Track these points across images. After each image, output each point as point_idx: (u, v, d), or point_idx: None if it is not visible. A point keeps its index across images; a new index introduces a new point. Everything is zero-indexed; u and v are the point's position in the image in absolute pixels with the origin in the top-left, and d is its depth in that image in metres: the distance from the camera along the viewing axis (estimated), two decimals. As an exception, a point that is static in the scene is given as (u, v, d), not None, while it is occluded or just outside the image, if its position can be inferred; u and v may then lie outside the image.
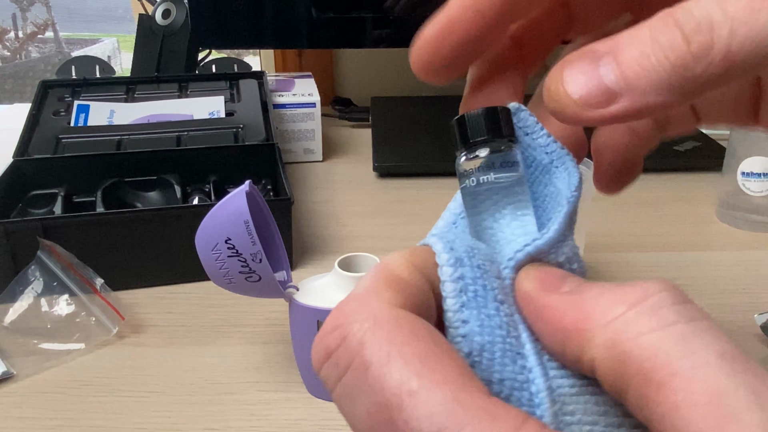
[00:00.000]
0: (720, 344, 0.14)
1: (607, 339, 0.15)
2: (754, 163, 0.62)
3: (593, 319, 0.16)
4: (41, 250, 0.50)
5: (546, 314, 0.17)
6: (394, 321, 0.16)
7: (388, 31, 0.80)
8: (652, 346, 0.15)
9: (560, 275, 0.18)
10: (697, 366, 0.14)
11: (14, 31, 4.82)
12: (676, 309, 0.15)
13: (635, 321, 0.15)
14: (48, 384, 0.44)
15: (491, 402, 0.14)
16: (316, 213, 0.68)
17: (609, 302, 0.16)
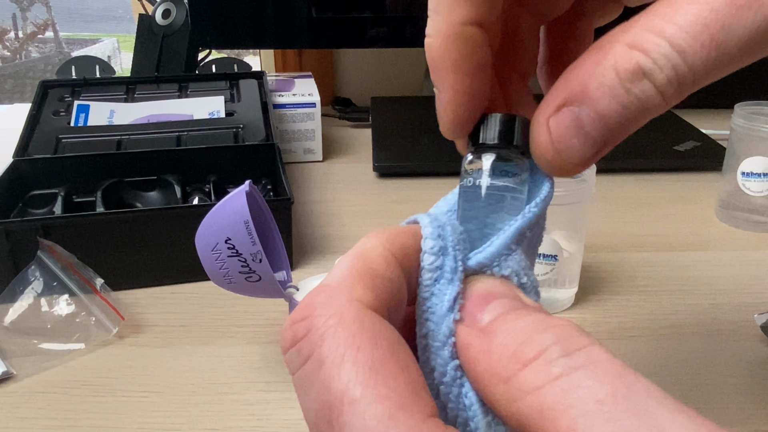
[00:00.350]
0: (602, 389, 0.15)
1: (505, 395, 0.16)
2: (754, 163, 0.62)
3: (496, 374, 0.16)
4: (41, 250, 0.50)
5: (464, 355, 0.18)
6: (358, 323, 0.16)
7: (388, 31, 0.80)
8: (538, 405, 0.15)
9: (484, 298, 0.19)
10: (574, 418, 0.14)
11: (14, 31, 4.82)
12: (561, 362, 0.15)
13: (525, 380, 0.16)
14: (48, 384, 0.44)
15: (426, 424, 0.15)
16: (316, 213, 0.68)
17: (508, 357, 0.16)
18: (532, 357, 0.16)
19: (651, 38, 0.17)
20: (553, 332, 0.16)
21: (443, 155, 0.78)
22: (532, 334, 0.16)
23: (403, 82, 1.04)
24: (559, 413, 0.15)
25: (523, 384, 0.16)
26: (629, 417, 0.14)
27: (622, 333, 0.48)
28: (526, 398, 0.15)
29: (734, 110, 0.63)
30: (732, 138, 0.64)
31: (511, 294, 0.19)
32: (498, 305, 0.18)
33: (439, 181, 0.75)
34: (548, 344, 0.16)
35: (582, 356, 0.16)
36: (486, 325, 0.18)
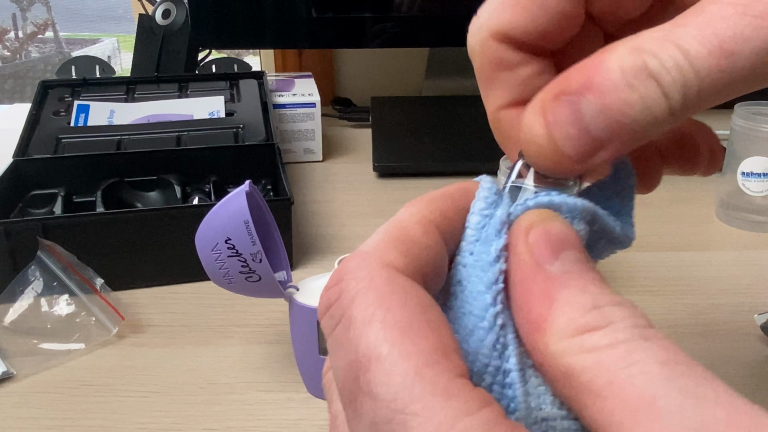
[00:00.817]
0: (665, 353, 0.15)
1: (560, 348, 0.16)
2: (754, 163, 0.62)
3: (553, 327, 0.16)
4: (41, 250, 0.50)
5: (521, 294, 0.17)
6: (388, 285, 0.16)
7: (388, 31, 0.80)
8: (597, 362, 0.15)
9: (557, 244, 0.18)
10: (634, 375, 0.15)
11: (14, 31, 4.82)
12: (629, 331, 0.16)
13: (589, 340, 0.16)
14: (48, 384, 0.44)
15: (454, 382, 0.15)
16: (316, 213, 0.68)
17: (573, 315, 0.16)
18: (602, 324, 0.16)
19: (659, 41, 0.17)
20: (627, 309, 0.16)
21: (443, 155, 0.78)
22: (606, 304, 0.16)
23: (403, 82, 1.04)
24: (620, 370, 0.15)
25: (586, 342, 0.16)
26: (690, 379, 0.14)
27: (622, 333, 0.48)
28: (583, 355, 0.15)
29: (734, 110, 0.63)
30: (732, 138, 0.64)
31: (581, 249, 0.18)
32: (573, 258, 0.18)
33: (439, 181, 0.75)
34: (620, 317, 0.16)
35: (648, 332, 0.16)
36: (557, 273, 0.17)
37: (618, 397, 0.14)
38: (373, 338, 0.15)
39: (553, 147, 0.19)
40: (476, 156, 0.76)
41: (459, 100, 0.92)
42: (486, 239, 0.19)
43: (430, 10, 0.79)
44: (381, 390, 0.15)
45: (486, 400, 0.15)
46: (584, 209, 0.20)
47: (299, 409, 0.42)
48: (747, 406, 0.14)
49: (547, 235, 0.18)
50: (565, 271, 0.17)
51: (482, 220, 0.19)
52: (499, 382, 0.17)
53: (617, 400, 0.14)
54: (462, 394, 0.15)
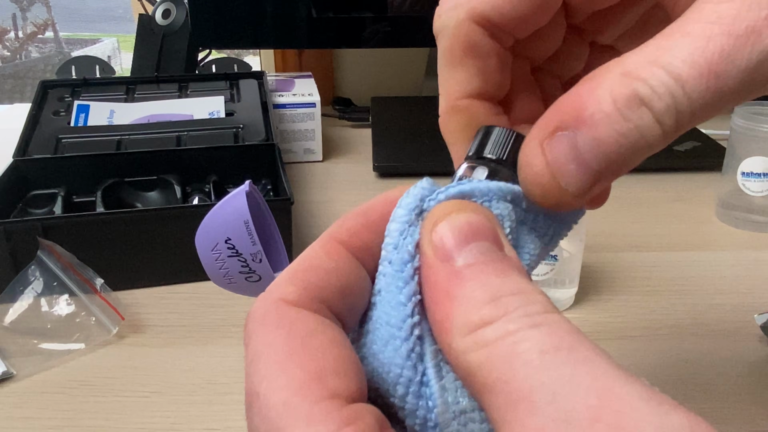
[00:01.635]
0: (549, 340, 0.15)
1: (461, 345, 0.16)
2: (754, 163, 0.62)
3: (454, 325, 0.16)
4: (41, 250, 0.50)
5: (427, 294, 0.18)
6: (275, 321, 0.17)
7: (388, 31, 0.80)
8: (488, 357, 0.15)
9: (463, 237, 0.18)
10: (516, 368, 0.15)
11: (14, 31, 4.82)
12: (520, 320, 0.16)
13: (483, 335, 0.16)
14: (48, 384, 0.44)
15: (317, 406, 0.15)
16: (316, 213, 0.68)
17: (469, 311, 0.16)
18: (497, 316, 0.16)
19: (647, 67, 0.17)
20: (524, 297, 0.16)
21: (443, 155, 0.77)
22: (503, 294, 0.16)
23: (403, 82, 1.04)
24: (505, 363, 0.15)
25: (479, 339, 0.16)
26: (567, 366, 0.14)
27: (622, 333, 0.48)
28: (478, 351, 0.16)
29: (734, 110, 0.63)
30: (732, 138, 0.64)
31: (493, 236, 0.18)
32: (477, 249, 0.17)
33: (439, 181, 0.75)
34: (514, 306, 0.16)
35: (540, 317, 0.16)
36: (460, 268, 0.17)
37: (504, 392, 0.15)
38: (256, 376, 0.16)
39: (556, 185, 0.19)
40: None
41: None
42: (400, 261, 0.18)
43: (430, 10, 0.79)
44: (255, 424, 0.16)
45: (350, 418, 0.15)
46: (499, 190, 0.19)
47: (299, 409, 0.42)
48: (622, 388, 0.14)
49: (451, 228, 0.18)
50: (468, 264, 0.17)
51: (401, 227, 0.19)
52: (414, 392, 0.17)
53: (503, 395, 0.15)
54: (326, 416, 0.15)
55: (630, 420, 0.13)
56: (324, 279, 0.18)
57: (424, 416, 0.17)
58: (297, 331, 0.17)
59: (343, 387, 0.16)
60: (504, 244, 0.18)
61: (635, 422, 0.13)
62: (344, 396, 0.16)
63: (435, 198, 0.19)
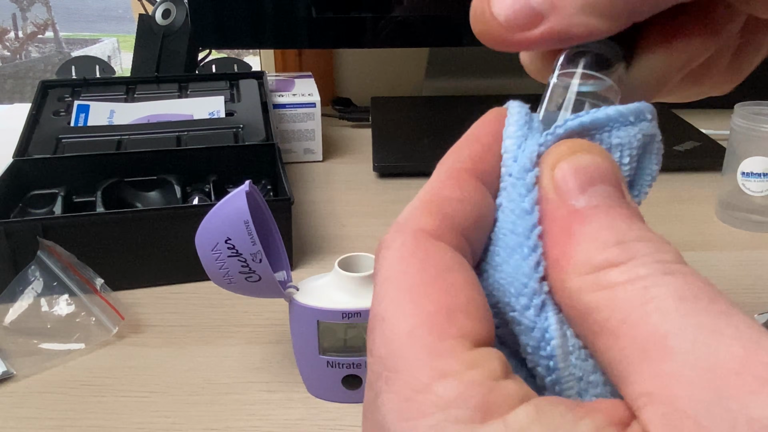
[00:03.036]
0: (687, 288, 0.14)
1: (574, 288, 0.15)
2: (754, 163, 0.62)
3: (573, 263, 0.16)
4: (41, 250, 0.50)
5: (545, 232, 0.17)
6: (410, 250, 0.17)
7: (389, 31, 0.80)
8: (613, 300, 0.15)
9: (586, 179, 0.17)
10: (649, 312, 0.14)
11: (14, 31, 4.82)
12: (652, 266, 0.15)
13: (607, 276, 0.15)
14: (48, 384, 0.44)
15: (444, 343, 0.15)
16: (316, 213, 0.68)
17: (592, 251, 0.15)
18: (624, 260, 0.15)
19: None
20: (654, 244, 0.15)
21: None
22: (630, 239, 0.15)
23: (403, 82, 1.04)
24: (634, 306, 0.14)
25: (602, 279, 0.15)
26: (709, 315, 0.14)
27: (622, 333, 0.48)
28: (599, 292, 0.15)
29: (734, 110, 0.63)
30: (732, 138, 0.64)
31: (615, 182, 0.17)
32: (600, 192, 0.16)
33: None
34: (643, 252, 0.15)
35: (675, 266, 0.15)
36: (582, 208, 0.16)
37: (630, 336, 0.14)
38: (384, 300, 0.16)
39: (487, 9, 0.18)
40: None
41: (459, 100, 0.92)
42: (521, 169, 0.18)
43: (430, 10, 0.79)
44: (377, 347, 0.15)
45: (476, 361, 0.14)
46: (620, 115, 0.18)
47: (299, 409, 0.42)
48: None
49: (574, 169, 0.17)
50: (592, 206, 0.16)
51: (517, 141, 0.18)
52: (536, 306, 0.16)
53: (629, 339, 0.14)
54: (450, 354, 0.15)
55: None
56: (459, 210, 0.17)
57: (539, 339, 0.16)
58: (433, 264, 0.16)
59: (472, 329, 0.15)
60: (626, 192, 0.17)
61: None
62: (472, 338, 0.15)
63: (553, 133, 0.18)
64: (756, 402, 0.12)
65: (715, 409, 0.12)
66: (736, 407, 0.12)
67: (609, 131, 0.18)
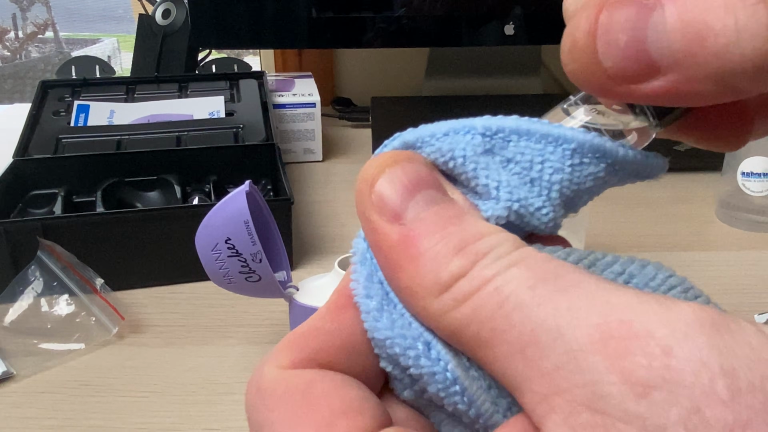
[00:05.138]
0: (533, 274, 0.14)
1: (438, 308, 0.15)
2: (754, 163, 0.62)
3: (424, 287, 0.15)
4: (41, 250, 0.50)
5: (384, 263, 0.16)
6: (270, 386, 0.16)
7: (389, 31, 0.80)
8: (472, 311, 0.14)
9: (405, 190, 0.16)
10: (509, 313, 0.14)
11: (14, 31, 4.82)
12: (495, 264, 0.14)
13: (459, 289, 0.15)
14: (48, 384, 0.44)
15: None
16: (316, 213, 0.68)
17: (437, 268, 0.15)
18: (469, 267, 0.15)
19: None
20: (489, 239, 0.15)
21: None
22: (467, 241, 0.15)
23: (403, 82, 1.04)
24: (494, 311, 0.14)
25: (456, 294, 0.14)
26: (560, 294, 0.14)
27: (622, 333, 0.48)
28: (461, 308, 0.14)
29: (734, 110, 0.63)
30: (732, 138, 0.64)
31: (434, 181, 0.16)
32: (423, 200, 0.16)
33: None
34: (483, 250, 0.15)
35: (515, 255, 0.15)
36: (411, 224, 0.15)
37: (504, 343, 0.14)
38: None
39: (591, 50, 0.15)
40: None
41: (459, 100, 0.92)
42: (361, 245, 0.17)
43: (430, 10, 0.79)
44: None
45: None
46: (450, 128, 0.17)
47: (299, 409, 0.42)
48: (619, 298, 0.13)
49: (390, 183, 0.16)
50: (420, 218, 0.15)
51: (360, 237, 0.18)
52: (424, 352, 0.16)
53: (505, 346, 0.14)
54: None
55: (638, 325, 0.13)
56: (324, 341, 0.17)
57: (441, 374, 0.16)
58: (294, 389, 0.16)
59: (355, 427, 0.15)
60: (446, 186, 0.16)
61: (643, 325, 0.13)
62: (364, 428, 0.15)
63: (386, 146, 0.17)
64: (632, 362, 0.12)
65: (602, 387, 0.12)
66: (618, 378, 0.12)
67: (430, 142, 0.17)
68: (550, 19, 0.80)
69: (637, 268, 0.17)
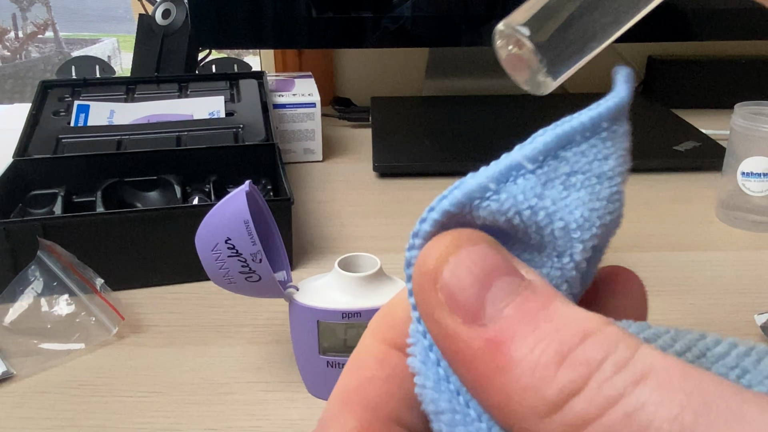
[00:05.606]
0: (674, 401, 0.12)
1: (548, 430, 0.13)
2: (754, 163, 0.62)
3: (526, 407, 0.13)
4: (41, 250, 0.50)
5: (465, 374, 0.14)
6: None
7: (388, 31, 0.80)
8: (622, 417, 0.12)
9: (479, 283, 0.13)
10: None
11: (14, 31, 4.82)
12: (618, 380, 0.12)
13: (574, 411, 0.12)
14: (48, 384, 0.44)
15: None
16: (316, 213, 0.68)
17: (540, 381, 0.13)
18: (582, 381, 0.12)
19: None
20: (596, 340, 0.13)
21: (443, 155, 0.77)
22: (569, 345, 0.13)
23: (403, 82, 1.04)
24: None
25: (570, 417, 0.12)
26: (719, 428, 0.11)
27: (622, 333, 0.48)
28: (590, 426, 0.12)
29: (734, 110, 0.63)
30: (732, 138, 0.64)
31: (506, 265, 0.14)
32: (502, 291, 0.13)
33: (439, 181, 0.75)
34: (597, 359, 0.12)
35: (638, 365, 0.12)
36: (493, 324, 0.13)
37: None
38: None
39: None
40: (476, 156, 0.76)
41: (459, 100, 0.92)
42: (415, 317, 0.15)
43: (430, 10, 0.79)
44: None
45: None
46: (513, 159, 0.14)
47: (299, 409, 0.42)
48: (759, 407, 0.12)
49: (458, 278, 0.13)
50: (503, 316, 0.13)
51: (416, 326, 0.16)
52: None
53: None
54: None
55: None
56: (384, 391, 0.15)
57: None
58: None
59: None
60: (517, 265, 0.14)
61: None
62: None
63: (427, 222, 0.14)
64: None
65: None
66: None
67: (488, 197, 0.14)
68: (550, 19, 0.80)
69: (752, 363, 0.14)
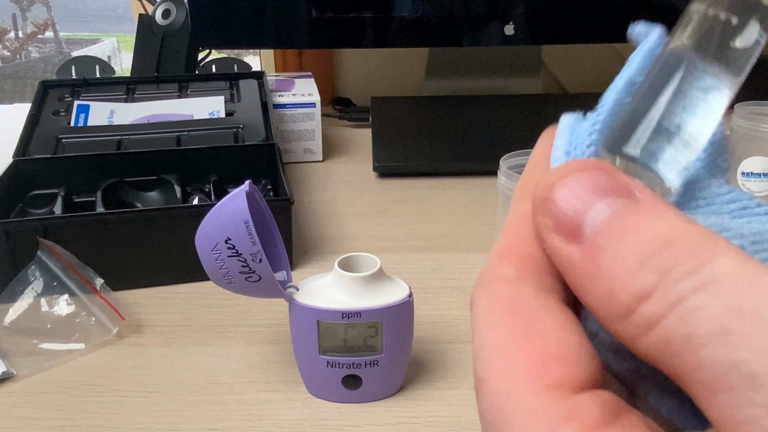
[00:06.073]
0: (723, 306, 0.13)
1: (626, 333, 0.14)
2: (754, 163, 0.62)
3: (610, 309, 0.14)
4: (41, 250, 0.50)
5: (569, 280, 0.16)
6: (494, 307, 0.16)
7: (388, 31, 0.80)
8: (660, 341, 0.13)
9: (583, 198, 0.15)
10: (696, 349, 0.13)
11: (14, 31, 4.82)
12: (681, 286, 0.13)
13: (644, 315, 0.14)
14: (48, 384, 0.44)
15: (539, 398, 0.14)
16: (316, 213, 0.68)
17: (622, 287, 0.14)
18: (652, 287, 0.13)
19: None
20: (675, 248, 0.14)
21: (443, 155, 0.77)
22: (649, 254, 0.14)
23: (403, 82, 1.04)
24: (683, 346, 0.13)
25: (641, 320, 0.14)
26: (760, 332, 0.12)
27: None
28: (648, 335, 0.13)
29: (734, 110, 0.63)
30: (732, 138, 0.64)
31: (615, 184, 0.15)
32: (602, 209, 0.15)
33: (439, 181, 0.75)
34: (670, 266, 0.13)
35: (705, 273, 0.13)
36: (589, 239, 0.15)
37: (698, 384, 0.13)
38: (480, 362, 0.16)
39: None
40: (476, 156, 0.76)
41: (459, 100, 0.92)
42: None
43: (430, 10, 0.79)
44: (481, 410, 0.16)
45: (573, 413, 0.14)
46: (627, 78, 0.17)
47: (299, 409, 0.42)
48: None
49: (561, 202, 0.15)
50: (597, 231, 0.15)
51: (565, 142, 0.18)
52: None
53: (699, 387, 0.13)
54: (546, 410, 0.14)
55: None
56: (537, 246, 0.17)
57: None
58: (519, 315, 0.16)
59: (568, 375, 0.14)
60: (638, 189, 0.15)
61: None
62: (569, 384, 0.14)
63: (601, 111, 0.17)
64: None
65: None
66: None
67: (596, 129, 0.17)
68: (551, 20, 0.80)
69: None
